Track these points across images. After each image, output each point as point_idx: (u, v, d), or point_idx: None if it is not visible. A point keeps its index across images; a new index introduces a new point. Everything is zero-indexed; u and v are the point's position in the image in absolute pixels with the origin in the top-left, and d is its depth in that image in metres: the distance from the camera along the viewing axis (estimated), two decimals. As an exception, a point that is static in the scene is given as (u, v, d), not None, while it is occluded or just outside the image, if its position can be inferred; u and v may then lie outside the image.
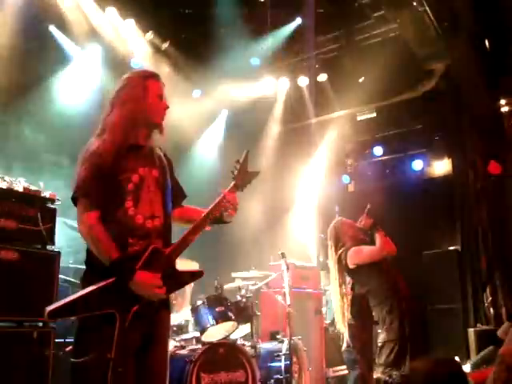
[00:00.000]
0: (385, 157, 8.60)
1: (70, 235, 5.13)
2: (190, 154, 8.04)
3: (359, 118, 8.51)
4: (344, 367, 5.78)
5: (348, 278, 4.68)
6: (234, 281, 5.51)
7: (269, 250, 6.37)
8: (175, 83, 6.99)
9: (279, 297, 5.28)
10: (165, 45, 7.25)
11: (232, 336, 4.82)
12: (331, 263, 4.72)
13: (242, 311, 4.93)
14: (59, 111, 6.29)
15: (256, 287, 5.29)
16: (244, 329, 5.03)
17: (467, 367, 5.50)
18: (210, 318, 4.54)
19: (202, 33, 7.13)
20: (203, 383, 4.16)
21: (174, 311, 4.92)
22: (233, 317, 4.65)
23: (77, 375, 2.37)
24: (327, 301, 6.44)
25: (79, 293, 2.31)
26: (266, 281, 5.41)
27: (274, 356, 4.95)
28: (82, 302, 2.28)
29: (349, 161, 9.05)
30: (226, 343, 4.52)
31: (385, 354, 4.16)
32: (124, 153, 2.50)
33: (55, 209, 3.94)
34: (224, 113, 8.57)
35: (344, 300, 4.58)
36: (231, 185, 2.69)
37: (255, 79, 7.98)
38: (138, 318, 2.34)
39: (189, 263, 5.01)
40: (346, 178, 8.98)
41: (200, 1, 6.83)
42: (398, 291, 4.32)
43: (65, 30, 6.41)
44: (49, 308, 2.25)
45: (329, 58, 7.96)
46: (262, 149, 8.31)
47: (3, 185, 3.68)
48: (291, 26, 7.32)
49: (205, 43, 7.26)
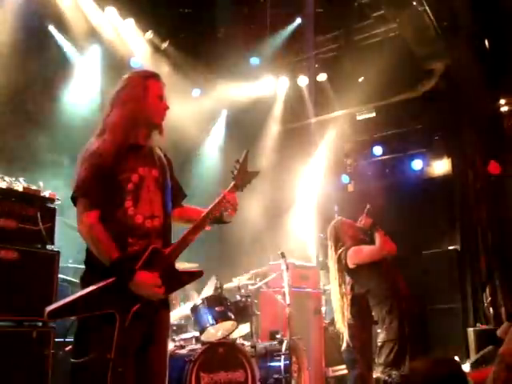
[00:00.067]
0: (384, 156, 8.60)
1: (70, 235, 5.12)
2: (190, 154, 8.03)
3: (359, 118, 8.50)
4: (343, 367, 5.77)
5: (348, 278, 4.68)
6: (234, 280, 5.50)
7: (268, 250, 6.36)
8: (174, 82, 6.97)
9: (279, 296, 5.28)
10: (164, 44, 7.24)
11: (231, 336, 4.82)
12: (331, 263, 4.72)
13: (242, 311, 4.93)
14: (59, 110, 6.29)
15: (255, 287, 5.29)
16: (243, 328, 5.03)
17: (467, 367, 5.50)
18: (210, 318, 4.53)
19: (202, 32, 7.13)
20: (203, 383, 4.15)
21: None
22: (232, 316, 4.64)
23: (77, 375, 2.38)
24: (326, 300, 6.44)
25: (79, 293, 2.31)
26: (266, 280, 5.40)
27: (274, 355, 4.94)
28: (82, 302, 2.28)
29: (348, 160, 9.04)
30: (226, 343, 4.52)
31: (384, 354, 4.16)
32: (124, 153, 2.50)
33: (55, 208, 3.94)
34: (224, 113, 8.56)
35: (344, 300, 4.58)
36: (231, 185, 2.69)
37: (255, 79, 7.97)
38: (138, 318, 2.35)
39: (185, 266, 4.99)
40: (346, 178, 8.97)
41: (200, 0, 6.83)
42: (398, 291, 4.32)
43: (64, 30, 6.41)
44: (49, 308, 2.25)
45: (328, 58, 7.96)
46: (262, 148, 8.30)
47: (3, 184, 3.68)
48: (291, 26, 7.32)
49: (204, 43, 7.26)
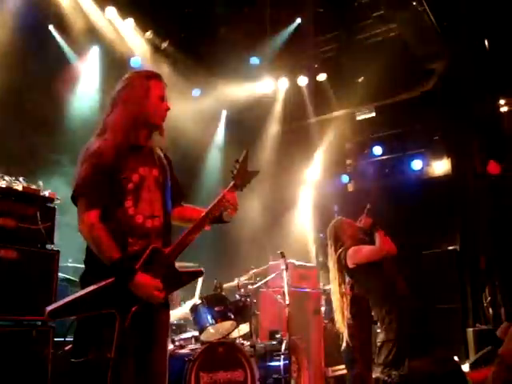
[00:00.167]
0: (384, 156, 8.60)
1: (69, 234, 5.12)
2: (189, 154, 8.02)
3: (358, 118, 8.52)
4: (343, 367, 5.77)
5: (348, 278, 4.68)
6: (234, 280, 5.50)
7: (268, 250, 6.36)
8: (174, 82, 6.97)
9: (278, 296, 5.27)
10: (164, 44, 7.24)
11: (231, 335, 4.82)
12: (331, 263, 4.70)
13: (241, 310, 4.93)
14: (59, 110, 6.28)
15: (255, 286, 5.29)
16: (243, 328, 5.02)
17: (466, 367, 5.50)
18: (209, 318, 4.54)
19: (202, 32, 7.13)
20: (202, 382, 4.16)
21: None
22: (232, 316, 4.64)
23: (76, 375, 2.37)
24: (326, 300, 6.44)
25: (79, 292, 2.31)
26: (265, 280, 5.40)
27: (273, 355, 4.94)
28: (82, 302, 2.28)
29: (348, 160, 9.06)
30: (225, 342, 4.51)
31: (384, 354, 4.15)
32: (125, 153, 2.50)
33: (54, 208, 3.94)
34: (223, 113, 8.56)
35: (343, 299, 4.58)
36: (231, 184, 2.68)
37: (255, 79, 7.97)
38: (138, 318, 2.34)
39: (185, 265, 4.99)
40: (346, 178, 8.98)
41: (200, 0, 6.82)
42: (398, 291, 4.31)
43: (64, 30, 6.40)
44: (49, 308, 2.25)
45: (328, 58, 7.96)
46: (262, 148, 8.30)
47: (3, 184, 3.68)
48: (291, 26, 7.32)
49: (204, 42, 7.26)
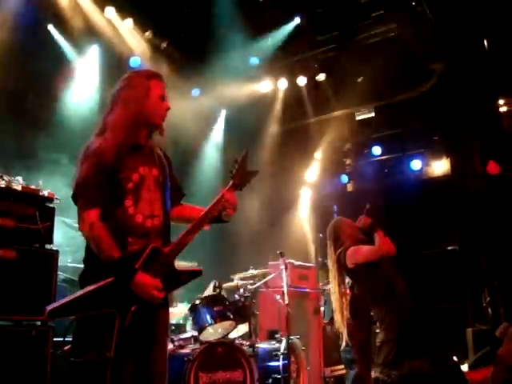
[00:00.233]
0: (383, 156, 8.61)
1: (69, 234, 5.13)
2: (189, 153, 8.03)
3: (358, 118, 8.52)
4: (342, 367, 5.78)
5: (347, 278, 4.67)
6: (233, 280, 5.50)
7: (267, 250, 6.36)
8: (174, 82, 6.97)
9: (278, 296, 5.27)
10: (164, 44, 7.24)
11: (230, 335, 4.81)
12: (330, 263, 4.70)
13: (241, 310, 4.92)
14: (58, 110, 6.28)
15: (254, 286, 5.28)
16: (242, 328, 5.02)
17: (465, 367, 5.50)
18: (209, 318, 4.54)
19: (201, 32, 7.12)
20: (201, 382, 4.16)
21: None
22: (231, 316, 4.64)
23: (76, 375, 2.37)
24: (325, 300, 6.44)
25: (79, 292, 2.31)
26: (265, 280, 5.40)
27: (273, 355, 4.93)
28: (82, 302, 2.28)
29: (347, 160, 9.06)
30: (225, 342, 4.51)
31: (383, 354, 4.14)
32: (125, 152, 2.50)
33: (54, 207, 3.95)
34: (223, 112, 8.56)
35: (343, 299, 4.57)
36: (230, 184, 2.68)
37: (254, 78, 7.98)
38: (138, 318, 2.34)
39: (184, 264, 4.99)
40: (345, 178, 8.99)
41: (200, 0, 6.82)
42: (398, 291, 4.31)
43: (64, 29, 6.40)
44: (49, 307, 2.25)
45: (327, 58, 7.95)
46: (261, 148, 8.30)
47: (2, 184, 3.69)
48: (290, 26, 7.31)
49: (204, 42, 7.25)
